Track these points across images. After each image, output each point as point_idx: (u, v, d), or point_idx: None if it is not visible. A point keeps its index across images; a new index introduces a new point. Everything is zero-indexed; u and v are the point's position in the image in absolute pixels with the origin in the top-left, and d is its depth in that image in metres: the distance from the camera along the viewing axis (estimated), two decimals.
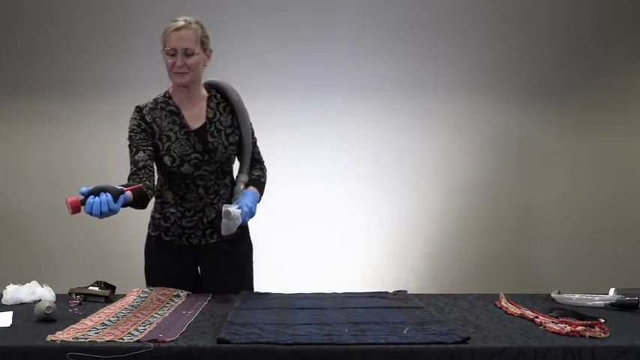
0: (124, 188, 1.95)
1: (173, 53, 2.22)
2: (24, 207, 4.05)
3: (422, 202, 4.10)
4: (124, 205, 1.95)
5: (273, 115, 3.74)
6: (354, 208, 4.09)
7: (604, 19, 4.10)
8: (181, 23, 2.23)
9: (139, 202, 2.10)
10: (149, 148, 2.25)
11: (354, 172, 4.09)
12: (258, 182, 2.40)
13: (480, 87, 4.10)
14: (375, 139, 4.09)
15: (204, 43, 2.27)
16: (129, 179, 2.20)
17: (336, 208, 4.07)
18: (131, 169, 2.22)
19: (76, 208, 1.85)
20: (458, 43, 4.08)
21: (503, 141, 4.13)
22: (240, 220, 2.15)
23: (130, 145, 2.26)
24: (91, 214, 1.85)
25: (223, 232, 2.17)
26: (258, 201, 2.34)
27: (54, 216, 3.97)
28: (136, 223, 2.50)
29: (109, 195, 1.86)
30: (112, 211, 1.87)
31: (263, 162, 2.49)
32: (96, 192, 1.86)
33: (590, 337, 1.65)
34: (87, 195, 1.86)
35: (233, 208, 2.14)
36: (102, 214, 1.85)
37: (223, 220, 2.14)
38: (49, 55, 3.99)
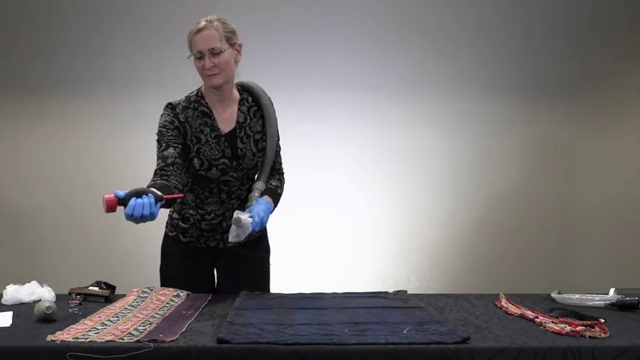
0: (164, 196, 1.87)
1: (200, 56, 2.16)
2: (24, 207, 4.05)
3: (422, 202, 4.11)
4: None
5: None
6: (354, 208, 4.09)
7: None
8: (202, 24, 2.16)
9: (166, 203, 2.01)
10: (179, 146, 2.18)
11: (354, 172, 4.09)
12: (274, 193, 2.34)
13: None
14: (377, 140, 4.10)
15: (230, 38, 2.19)
16: (155, 174, 2.10)
17: (336, 209, 4.07)
18: (158, 164, 2.12)
19: (111, 207, 1.74)
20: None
21: (505, 141, 4.13)
22: (250, 230, 2.11)
23: (159, 140, 2.18)
24: (131, 216, 1.75)
25: (231, 239, 2.13)
26: (271, 212, 2.28)
27: (54, 216, 3.99)
28: None
29: (151, 197, 1.77)
30: (151, 216, 1.78)
31: (283, 173, 2.43)
32: (138, 194, 1.76)
33: (590, 337, 1.65)
34: (126, 196, 1.74)
35: (245, 216, 2.10)
36: (142, 218, 1.76)
37: (233, 226, 2.10)
38: (48, 55, 4.00)
